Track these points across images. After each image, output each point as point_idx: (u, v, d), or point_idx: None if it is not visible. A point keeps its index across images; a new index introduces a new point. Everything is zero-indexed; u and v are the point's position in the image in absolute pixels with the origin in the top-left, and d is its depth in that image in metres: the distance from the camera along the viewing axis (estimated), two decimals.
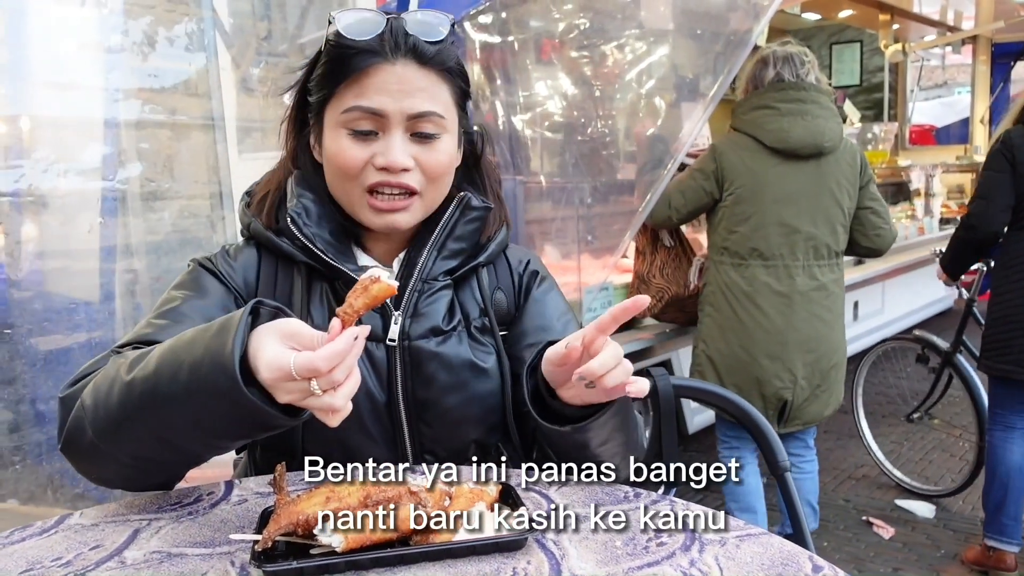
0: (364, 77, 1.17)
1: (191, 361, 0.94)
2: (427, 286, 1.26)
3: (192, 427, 0.97)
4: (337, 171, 1.21)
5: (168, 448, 1.01)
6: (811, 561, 0.88)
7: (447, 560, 0.90)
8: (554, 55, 3.66)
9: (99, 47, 1.89)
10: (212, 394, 0.92)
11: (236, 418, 0.94)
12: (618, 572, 0.86)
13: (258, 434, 1.03)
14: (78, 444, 1.04)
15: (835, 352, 3.01)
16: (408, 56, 1.18)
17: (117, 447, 1.02)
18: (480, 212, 1.30)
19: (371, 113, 1.17)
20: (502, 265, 1.37)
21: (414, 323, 1.24)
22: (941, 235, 6.46)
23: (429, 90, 1.19)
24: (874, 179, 2.98)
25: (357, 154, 1.18)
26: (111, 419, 1.00)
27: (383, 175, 1.18)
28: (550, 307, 1.36)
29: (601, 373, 0.99)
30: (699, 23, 3.53)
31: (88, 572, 0.91)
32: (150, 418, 0.98)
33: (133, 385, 0.98)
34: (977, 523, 3.57)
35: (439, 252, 1.27)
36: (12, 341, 1.72)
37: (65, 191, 1.82)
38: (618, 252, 3.38)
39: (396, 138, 1.18)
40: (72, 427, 1.05)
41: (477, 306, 1.30)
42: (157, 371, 0.97)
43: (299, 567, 0.87)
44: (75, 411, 1.04)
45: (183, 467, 1.08)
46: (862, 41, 9.09)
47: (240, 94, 2.30)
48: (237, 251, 1.30)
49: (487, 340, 1.29)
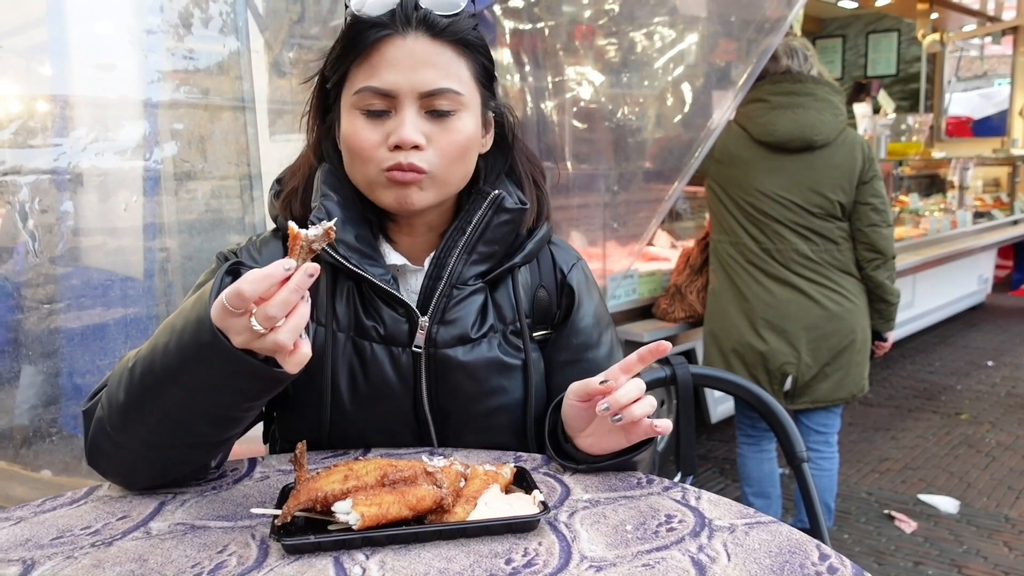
0: (374, 53, 1.12)
1: (179, 328, 0.95)
2: (456, 291, 1.21)
3: (191, 396, 0.97)
4: (352, 154, 1.17)
5: (177, 428, 1.01)
6: (818, 550, 0.89)
7: (461, 539, 0.92)
8: (584, 41, 3.66)
9: (137, 28, 1.92)
10: (198, 352, 0.93)
11: (224, 374, 0.94)
12: (627, 555, 0.88)
13: (254, 395, 1.00)
14: (100, 447, 1.06)
15: (849, 333, 2.99)
16: (419, 28, 1.13)
17: (131, 436, 1.02)
18: (514, 214, 1.23)
19: (381, 93, 1.13)
20: (546, 260, 1.31)
21: (442, 329, 1.20)
22: (974, 229, 6.37)
23: (444, 65, 1.14)
24: (880, 176, 2.94)
25: (370, 135, 1.14)
26: (121, 408, 1.01)
27: (396, 156, 1.13)
28: (589, 320, 1.32)
29: (625, 403, 1.02)
30: (732, 9, 3.51)
31: (115, 541, 0.94)
32: (153, 396, 0.98)
33: (135, 369, 1.00)
34: (1001, 520, 3.55)
35: (469, 256, 1.22)
36: (51, 315, 1.76)
37: (103, 170, 1.86)
38: (643, 240, 3.39)
39: (408, 115, 1.13)
40: (94, 431, 1.06)
41: (512, 308, 1.26)
42: (153, 347, 0.99)
43: (317, 541, 0.89)
44: (96, 416, 1.06)
45: (198, 451, 1.07)
46: (900, 30, 8.95)
47: (272, 76, 2.33)
48: (263, 243, 1.27)
49: (520, 343, 1.25)
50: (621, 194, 3.45)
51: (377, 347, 1.20)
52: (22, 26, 1.86)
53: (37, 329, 1.73)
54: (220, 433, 1.05)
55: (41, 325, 1.72)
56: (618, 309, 3.57)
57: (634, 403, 1.04)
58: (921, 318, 6.23)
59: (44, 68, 1.89)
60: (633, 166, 3.52)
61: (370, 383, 1.21)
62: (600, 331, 1.32)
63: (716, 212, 3.15)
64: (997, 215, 6.86)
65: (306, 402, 1.22)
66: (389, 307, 1.20)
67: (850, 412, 4.92)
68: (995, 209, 7.01)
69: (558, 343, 1.30)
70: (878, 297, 3.02)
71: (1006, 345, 6.54)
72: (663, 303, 3.60)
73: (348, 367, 1.21)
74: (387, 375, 1.20)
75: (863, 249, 2.96)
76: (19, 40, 1.91)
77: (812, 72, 2.97)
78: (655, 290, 3.72)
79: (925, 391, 5.43)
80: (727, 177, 3.06)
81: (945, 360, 6.18)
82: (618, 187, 3.46)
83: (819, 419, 3.13)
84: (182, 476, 1.10)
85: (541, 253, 1.31)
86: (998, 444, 4.48)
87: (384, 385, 1.21)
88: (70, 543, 0.94)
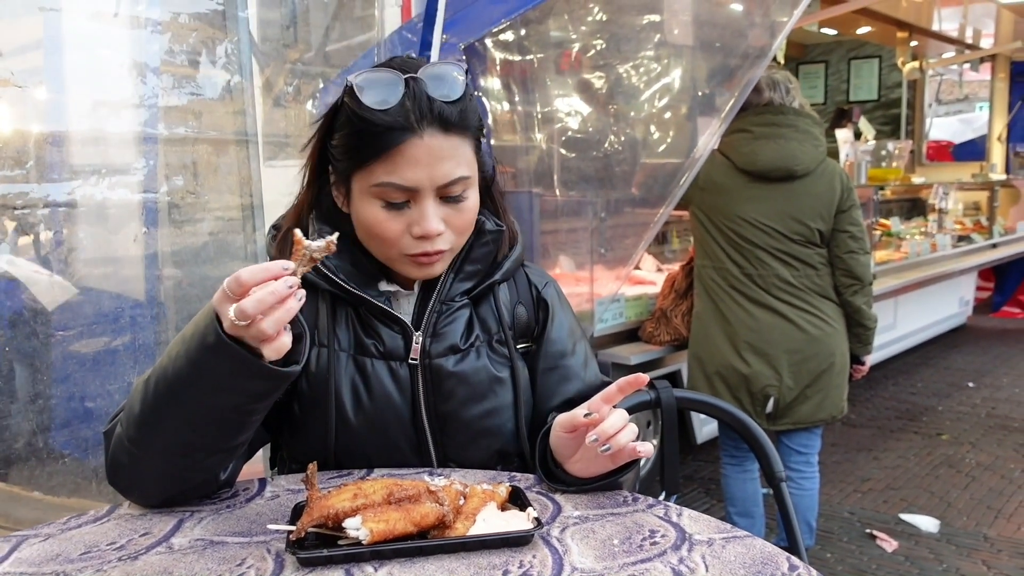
0: (395, 153, 1.19)
1: (188, 335, 1.06)
2: (445, 307, 1.34)
3: (199, 399, 1.06)
4: (374, 238, 1.26)
5: (188, 433, 1.09)
6: (788, 561, 0.97)
7: (461, 553, 1.00)
8: (572, 69, 3.76)
9: (145, 67, 2.02)
10: (201, 348, 1.02)
11: (231, 371, 1.02)
12: (614, 567, 0.96)
13: (257, 395, 1.08)
14: (119, 462, 1.15)
15: (828, 356, 3.08)
16: (434, 126, 1.20)
17: (146, 447, 1.11)
18: (494, 235, 1.36)
19: (403, 189, 1.21)
20: (522, 280, 1.44)
21: (434, 343, 1.32)
22: (955, 252, 6.50)
23: (455, 155, 1.22)
24: (857, 205, 3.04)
25: (394, 225, 1.23)
26: (137, 420, 1.10)
27: (422, 244, 1.23)
28: (564, 331, 1.44)
29: (612, 433, 1.12)
30: (717, 39, 3.62)
31: (140, 556, 1.02)
32: (166, 403, 1.07)
33: (150, 381, 1.10)
34: (980, 539, 3.64)
35: (456, 275, 1.34)
36: (64, 343, 1.84)
37: (113, 202, 1.94)
38: (630, 264, 3.48)
39: (428, 208, 1.22)
40: (114, 448, 1.15)
41: (495, 321, 1.38)
42: (166, 356, 1.08)
43: (330, 555, 0.97)
44: (115, 433, 1.15)
45: (209, 458, 1.14)
46: (881, 56, 9.14)
47: (271, 110, 2.42)
48: None
49: (505, 352, 1.37)
50: (608, 220, 3.54)
51: (377, 363, 1.31)
52: (34, 69, 1.95)
53: (50, 355, 1.81)
54: (228, 438, 1.13)
55: (55, 351, 1.80)
56: (605, 332, 3.66)
57: (619, 432, 1.13)
58: (903, 340, 6.34)
59: (55, 103, 1.98)
60: (620, 193, 3.60)
61: (372, 396, 1.30)
62: (575, 341, 1.45)
63: (700, 238, 3.24)
64: (977, 239, 7.01)
65: (313, 420, 1.31)
66: (386, 326, 1.32)
67: (833, 433, 5.01)
68: (975, 233, 7.15)
69: (537, 353, 1.42)
70: (856, 322, 3.11)
71: (987, 366, 6.66)
72: (649, 326, 3.69)
73: (351, 382, 1.31)
74: (387, 388, 1.31)
75: (841, 275, 3.05)
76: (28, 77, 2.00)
77: (794, 104, 3.07)
78: (641, 314, 3.80)
79: (907, 412, 5.53)
80: (711, 204, 3.16)
81: (927, 381, 6.29)
82: (605, 213, 3.55)
83: (800, 440, 3.21)
84: (195, 490, 1.19)
85: (517, 275, 1.44)
86: (978, 464, 4.57)
87: (385, 397, 1.31)
88: (98, 558, 1.01)
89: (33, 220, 1.78)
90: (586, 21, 3.72)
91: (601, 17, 3.74)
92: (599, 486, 1.21)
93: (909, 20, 7.50)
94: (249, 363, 1.02)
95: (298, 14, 2.80)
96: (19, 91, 1.93)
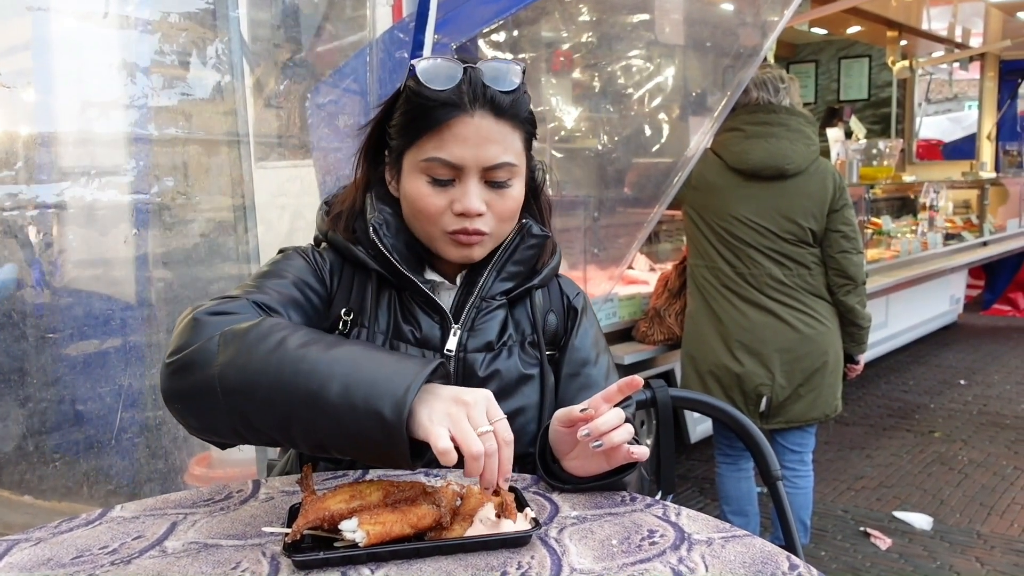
0: (444, 129, 1.23)
1: (353, 381, 1.01)
2: (484, 304, 1.36)
3: (329, 434, 1.03)
4: (416, 213, 1.29)
5: (283, 436, 1.07)
6: (788, 560, 0.97)
7: (459, 554, 0.99)
8: (565, 70, 3.76)
9: (135, 67, 2.00)
10: (370, 419, 0.99)
11: (377, 444, 1.00)
12: (613, 567, 0.95)
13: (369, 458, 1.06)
14: (191, 374, 1.07)
15: (821, 355, 3.08)
16: (486, 108, 1.24)
17: (231, 399, 1.05)
18: (539, 240, 1.39)
19: (450, 165, 1.24)
20: (554, 289, 1.47)
21: (471, 337, 1.34)
22: (945, 250, 6.52)
23: (503, 141, 1.26)
24: (850, 205, 3.04)
25: (437, 201, 1.26)
26: (245, 377, 1.04)
27: (461, 221, 1.26)
28: (588, 340, 1.46)
29: (605, 430, 1.12)
30: (708, 39, 3.62)
31: (133, 559, 1.00)
32: (283, 397, 1.03)
33: (283, 363, 1.04)
34: (973, 536, 3.64)
35: (498, 274, 1.36)
36: (54, 345, 1.82)
37: (103, 203, 1.93)
38: (623, 264, 3.48)
39: (472, 186, 1.25)
40: (195, 355, 1.08)
41: (529, 324, 1.40)
42: (326, 367, 1.03)
43: (326, 557, 0.96)
44: (206, 343, 1.08)
45: (265, 440, 1.11)
46: (871, 56, 9.18)
47: (262, 110, 2.41)
48: (324, 250, 1.38)
49: (536, 354, 1.39)
50: (602, 220, 3.54)
51: (412, 350, 1.32)
52: (23, 71, 1.94)
53: (40, 358, 1.79)
54: (302, 448, 1.12)
55: (45, 354, 1.78)
56: None
57: (613, 430, 1.12)
58: (895, 338, 6.36)
59: (46, 106, 1.96)
60: (613, 192, 3.60)
61: None
62: (598, 352, 1.46)
63: (693, 237, 3.24)
64: (967, 237, 7.03)
65: None
66: (426, 314, 1.33)
67: (826, 431, 5.01)
68: (965, 231, 7.18)
69: (561, 359, 1.43)
70: (849, 321, 3.11)
71: (978, 364, 6.68)
72: (643, 326, 3.69)
73: None
74: None
75: (834, 275, 3.05)
76: (16, 78, 1.98)
77: (785, 103, 3.07)
78: (635, 313, 3.80)
79: (899, 410, 5.54)
80: (703, 203, 3.15)
81: (919, 379, 6.31)
82: (599, 213, 3.55)
83: (794, 438, 3.21)
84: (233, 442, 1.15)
85: (551, 283, 1.47)
86: (970, 462, 4.58)
87: None
88: (90, 562, 1.00)
89: (22, 222, 1.76)
90: (578, 21, 3.72)
91: (593, 17, 3.75)
92: (598, 486, 1.20)
93: (899, 19, 7.53)
94: (403, 458, 1.00)
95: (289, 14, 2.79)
96: (7, 92, 1.91)
